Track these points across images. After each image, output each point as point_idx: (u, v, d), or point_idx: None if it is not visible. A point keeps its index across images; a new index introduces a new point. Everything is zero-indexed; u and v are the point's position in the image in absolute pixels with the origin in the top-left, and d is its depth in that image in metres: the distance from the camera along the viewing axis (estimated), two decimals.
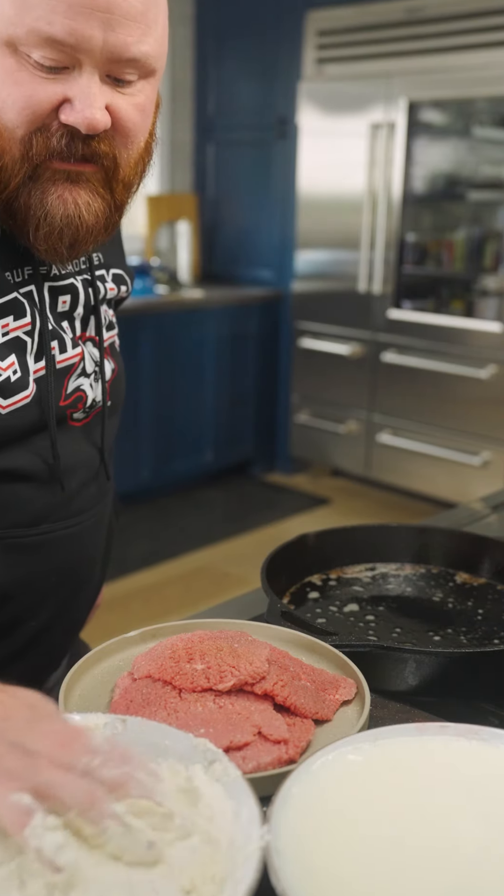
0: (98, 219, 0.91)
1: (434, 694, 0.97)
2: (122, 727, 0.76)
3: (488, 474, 3.94)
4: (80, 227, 0.89)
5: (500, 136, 4.30)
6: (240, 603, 1.25)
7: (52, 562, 1.03)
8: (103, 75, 0.85)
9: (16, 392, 0.94)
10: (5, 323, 0.93)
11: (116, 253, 1.13)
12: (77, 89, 0.83)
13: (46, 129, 0.85)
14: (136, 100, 0.89)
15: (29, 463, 0.98)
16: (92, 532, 1.09)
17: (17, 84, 0.83)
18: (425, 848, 0.66)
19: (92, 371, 1.05)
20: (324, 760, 0.73)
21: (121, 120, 0.88)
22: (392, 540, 1.32)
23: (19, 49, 0.82)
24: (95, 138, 0.87)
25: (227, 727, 0.81)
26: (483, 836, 0.68)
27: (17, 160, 0.86)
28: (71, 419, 1.04)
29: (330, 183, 4.29)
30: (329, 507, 4.48)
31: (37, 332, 0.97)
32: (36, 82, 0.83)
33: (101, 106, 0.84)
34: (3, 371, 0.93)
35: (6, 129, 0.85)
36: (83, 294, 1.03)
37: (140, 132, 0.91)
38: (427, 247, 4.43)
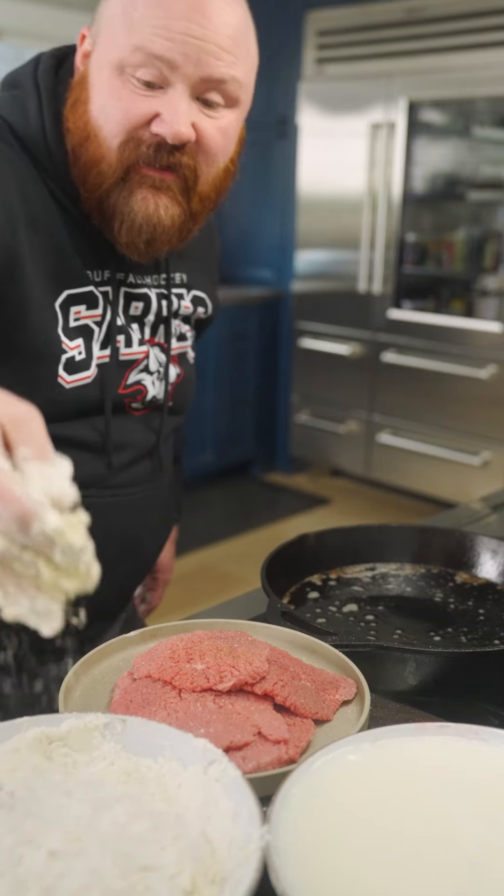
0: (174, 222, 1.04)
1: (434, 694, 0.97)
2: (122, 727, 0.76)
3: (488, 474, 3.94)
4: (158, 226, 1.03)
5: (500, 136, 4.30)
6: (240, 603, 1.25)
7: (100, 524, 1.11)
8: (193, 96, 0.98)
9: (78, 371, 1.08)
10: (77, 310, 1.07)
11: (204, 279, 1.27)
12: (168, 105, 0.97)
13: (139, 138, 0.99)
14: (220, 123, 1.02)
15: (84, 434, 1.11)
16: (139, 507, 1.21)
17: (119, 100, 0.98)
18: (425, 848, 0.66)
19: (156, 370, 1.18)
20: (324, 760, 0.73)
21: (204, 138, 1.01)
22: (392, 540, 1.32)
23: (125, 70, 0.97)
24: (180, 150, 0.99)
25: (227, 727, 0.81)
26: (483, 836, 0.68)
27: (112, 165, 1.00)
28: (130, 408, 1.17)
29: (330, 183, 4.29)
30: (329, 507, 4.48)
31: (105, 324, 1.10)
32: (134, 98, 0.98)
33: (188, 122, 0.98)
34: (71, 349, 1.07)
35: (105, 139, 1.00)
36: (156, 304, 1.17)
37: (220, 152, 1.04)
38: (427, 247, 4.43)
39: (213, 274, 1.33)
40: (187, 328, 1.25)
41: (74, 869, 0.60)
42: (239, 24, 0.99)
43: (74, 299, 1.07)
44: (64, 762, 0.73)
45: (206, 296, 1.27)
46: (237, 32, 0.98)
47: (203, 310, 1.27)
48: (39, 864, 0.60)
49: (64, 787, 0.68)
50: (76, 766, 0.73)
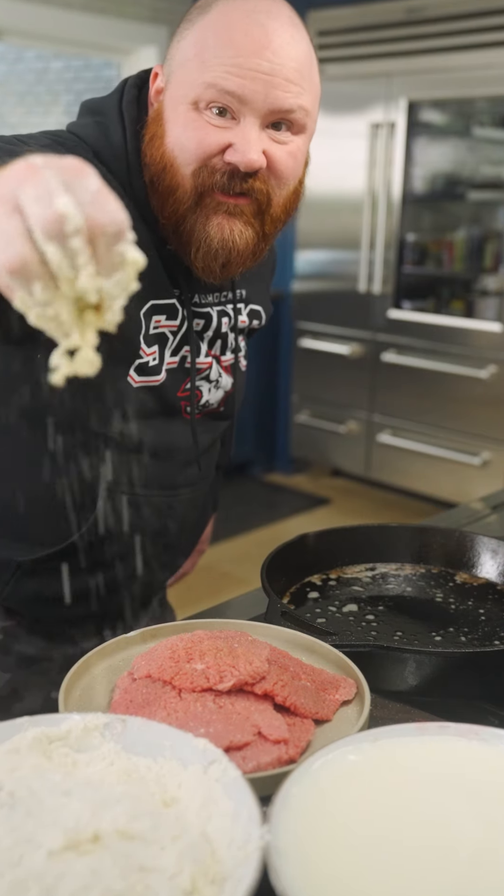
0: (248, 245, 1.08)
1: (434, 694, 0.97)
2: (122, 727, 0.76)
3: (488, 474, 3.94)
4: (233, 250, 1.07)
5: (500, 136, 4.30)
6: (240, 603, 1.25)
7: (147, 519, 1.23)
8: (263, 126, 1.04)
9: (149, 374, 1.14)
10: (158, 319, 1.14)
11: (261, 290, 1.33)
12: (240, 136, 1.03)
13: (213, 167, 1.04)
14: (289, 148, 1.07)
15: (142, 436, 1.16)
16: (186, 506, 1.28)
17: (193, 130, 1.03)
18: (425, 848, 0.66)
19: (215, 379, 1.25)
20: (324, 760, 0.73)
21: (274, 163, 1.06)
22: (392, 540, 1.32)
23: (199, 105, 1.03)
24: (252, 177, 1.04)
25: (227, 727, 0.81)
26: (482, 836, 0.68)
27: (187, 192, 1.05)
28: (185, 411, 1.21)
29: (330, 183, 4.29)
30: (329, 507, 4.48)
31: (180, 334, 1.16)
32: (208, 129, 1.03)
33: (259, 150, 1.03)
34: (147, 356, 1.13)
35: (180, 167, 1.05)
36: (216, 321, 1.22)
37: (291, 176, 1.09)
38: (427, 247, 4.43)
39: (268, 281, 1.38)
40: (241, 338, 1.30)
41: (74, 869, 0.60)
42: (304, 57, 1.04)
43: (157, 309, 1.13)
44: (64, 762, 0.73)
45: (261, 308, 1.32)
46: (302, 65, 1.04)
47: (258, 322, 1.32)
48: (39, 864, 0.60)
49: (64, 787, 0.68)
50: (76, 766, 0.73)
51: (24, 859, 0.61)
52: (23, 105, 4.95)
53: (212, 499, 1.43)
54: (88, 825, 0.63)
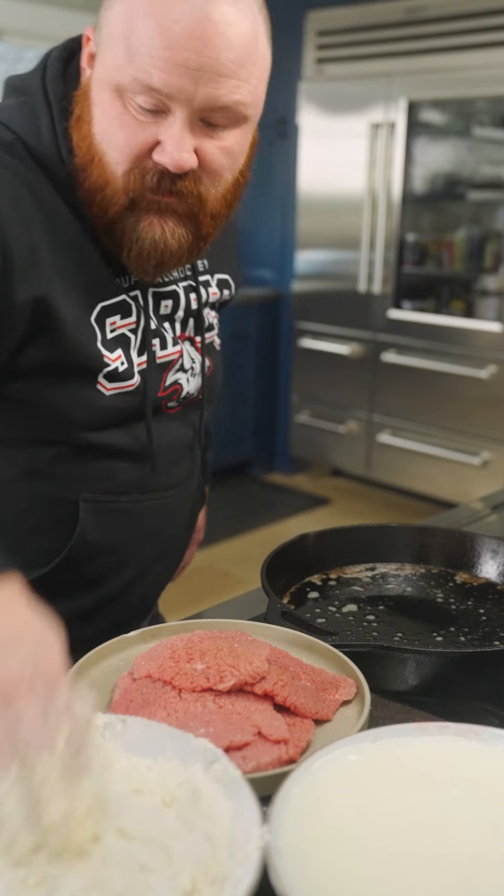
0: (181, 245, 1.03)
1: (434, 694, 0.97)
2: (122, 727, 0.76)
3: (488, 474, 3.94)
4: (166, 251, 1.03)
5: (500, 136, 4.30)
6: (240, 603, 1.25)
7: (139, 527, 1.19)
8: (195, 120, 0.96)
9: (120, 380, 1.09)
10: (113, 321, 1.08)
11: (226, 257, 1.26)
12: (169, 133, 0.95)
13: (143, 168, 0.98)
14: (224, 143, 0.99)
15: (127, 442, 1.13)
16: (177, 506, 1.24)
17: (121, 126, 0.96)
18: (425, 848, 0.66)
19: (189, 367, 1.19)
20: (324, 760, 0.73)
21: (207, 162, 0.99)
22: (392, 540, 1.32)
23: (125, 94, 0.95)
24: (182, 177, 0.98)
25: (227, 727, 0.81)
26: (483, 836, 0.68)
27: (117, 191, 1.00)
28: (166, 408, 1.17)
29: (330, 183, 4.29)
30: (329, 507, 4.47)
31: (140, 330, 1.11)
32: (136, 125, 0.96)
33: (189, 149, 0.96)
34: (113, 362, 1.08)
35: (109, 165, 0.99)
36: (184, 299, 1.16)
37: (225, 172, 1.02)
38: (427, 247, 4.43)
39: (232, 248, 1.30)
40: (213, 314, 1.25)
41: (74, 869, 0.60)
42: (244, 42, 0.95)
43: (108, 311, 1.07)
44: None
45: (229, 277, 1.27)
46: (241, 53, 0.94)
47: (228, 292, 1.26)
48: (40, 864, 0.60)
49: None
50: None
51: (24, 859, 0.61)
52: None
53: (201, 488, 1.36)
54: (88, 825, 0.63)
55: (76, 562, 1.15)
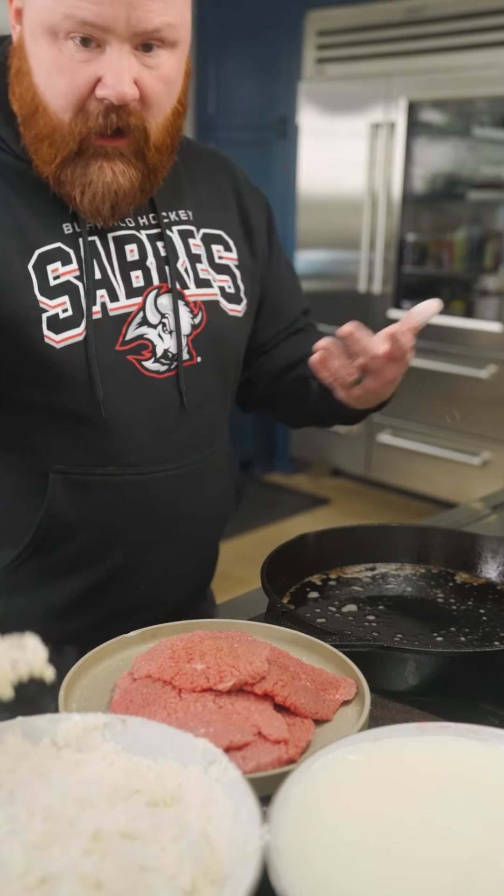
0: (133, 184, 1.04)
1: (434, 694, 0.97)
2: (122, 727, 0.76)
3: (488, 474, 3.94)
4: (119, 192, 1.04)
5: (500, 136, 4.30)
6: (240, 603, 1.25)
7: (119, 504, 1.13)
8: (129, 51, 0.97)
9: (67, 329, 1.05)
10: (55, 268, 1.06)
11: (222, 217, 1.22)
12: (107, 66, 0.97)
13: (87, 110, 0.99)
14: (161, 72, 1.01)
15: (83, 403, 1.07)
16: (174, 484, 1.15)
17: (60, 71, 0.98)
18: (425, 848, 0.66)
19: (158, 322, 1.12)
20: (324, 760, 0.73)
21: (147, 92, 1.00)
22: (392, 540, 1.32)
23: (58, 37, 0.97)
24: (126, 111, 0.99)
25: (227, 727, 0.81)
26: (482, 836, 0.68)
27: (65, 137, 1.01)
28: (143, 368, 1.10)
29: (330, 183, 4.29)
30: (329, 507, 4.47)
31: (84, 278, 1.07)
32: (75, 67, 0.97)
33: (129, 80, 0.97)
34: (53, 308, 1.05)
35: (55, 113, 1.00)
36: (150, 247, 1.12)
37: (166, 101, 1.03)
38: (427, 247, 4.43)
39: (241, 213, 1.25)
40: (223, 278, 1.18)
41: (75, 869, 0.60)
42: None
43: (47, 257, 1.06)
44: (64, 762, 0.73)
45: (223, 232, 1.21)
46: None
47: (222, 248, 1.20)
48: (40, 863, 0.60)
49: (64, 787, 0.68)
50: (77, 765, 0.73)
51: (24, 859, 0.61)
52: None
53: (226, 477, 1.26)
54: (88, 825, 0.63)
55: (54, 540, 1.11)
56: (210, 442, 1.20)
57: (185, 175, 1.19)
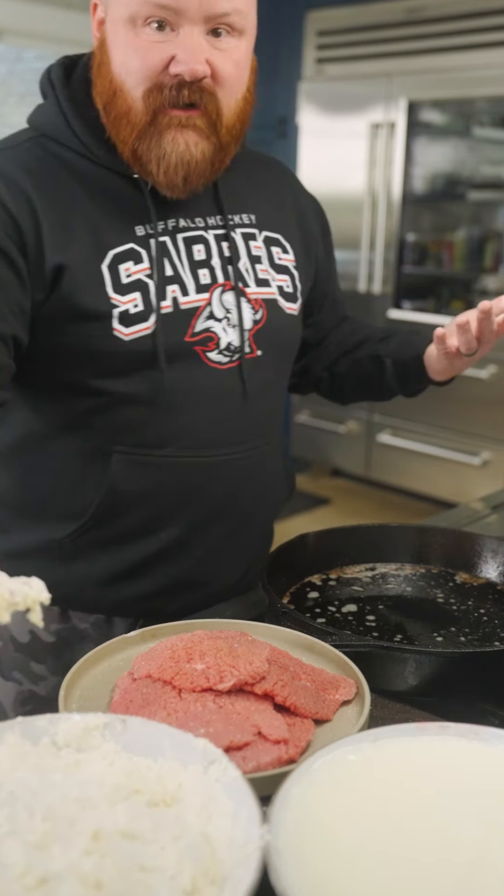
0: (205, 156, 1.11)
1: (434, 694, 0.97)
2: (122, 727, 0.76)
3: (488, 474, 3.94)
4: (191, 162, 1.10)
5: (500, 136, 4.30)
6: (240, 603, 1.25)
7: (176, 484, 1.19)
8: (202, 34, 1.06)
9: (136, 323, 1.12)
10: (127, 267, 1.13)
11: (282, 222, 1.29)
12: (181, 46, 1.05)
13: (160, 83, 1.07)
14: (232, 55, 1.09)
15: (148, 389, 1.14)
16: (228, 469, 1.21)
17: (136, 52, 1.07)
18: (425, 848, 0.66)
19: (223, 317, 1.18)
20: (324, 760, 0.73)
21: (218, 72, 1.08)
22: (392, 540, 1.32)
23: (137, 23, 1.06)
24: (198, 86, 1.07)
25: (227, 727, 0.81)
26: (482, 836, 0.68)
27: (139, 113, 1.09)
28: (207, 358, 1.17)
29: (330, 183, 4.28)
30: (329, 507, 4.47)
31: (155, 276, 1.14)
32: (149, 48, 1.06)
33: (202, 59, 1.06)
34: (125, 304, 1.12)
35: (130, 90, 1.09)
36: (216, 246, 1.20)
37: (236, 83, 1.11)
38: (427, 247, 4.43)
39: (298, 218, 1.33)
40: (283, 277, 1.25)
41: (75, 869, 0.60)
42: None
43: (120, 258, 1.13)
44: (64, 762, 0.73)
45: (281, 236, 1.28)
46: None
47: (281, 250, 1.27)
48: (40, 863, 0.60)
49: (64, 787, 0.68)
50: (77, 765, 0.73)
51: (24, 859, 0.61)
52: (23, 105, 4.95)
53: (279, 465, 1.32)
54: (88, 825, 0.63)
55: (113, 514, 1.18)
56: (267, 431, 1.27)
57: (249, 181, 1.27)
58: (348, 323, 1.47)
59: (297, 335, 1.31)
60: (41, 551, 1.21)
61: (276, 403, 1.30)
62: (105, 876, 0.60)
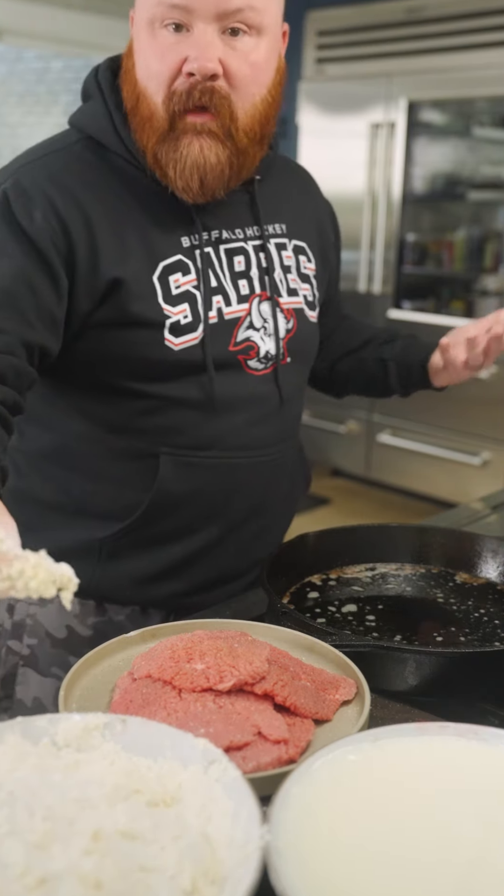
0: (219, 159, 1.11)
1: (434, 694, 0.97)
2: (122, 727, 0.76)
3: (488, 474, 3.94)
4: (206, 165, 1.10)
5: (500, 136, 4.30)
6: (240, 603, 1.25)
7: (218, 483, 1.23)
8: (215, 33, 1.05)
9: (185, 333, 1.15)
10: (176, 278, 1.16)
11: (308, 231, 1.32)
12: (193, 44, 1.05)
13: (175, 89, 1.07)
14: (248, 56, 1.08)
15: (195, 394, 1.18)
16: (264, 469, 1.26)
17: (154, 54, 1.08)
18: (424, 848, 0.66)
19: (261, 326, 1.22)
20: (324, 760, 0.73)
21: (232, 71, 1.07)
22: (392, 540, 1.32)
23: (155, 25, 1.07)
24: (210, 88, 1.07)
25: (227, 727, 0.81)
26: (482, 836, 0.68)
27: (160, 119, 1.10)
28: (247, 366, 1.21)
29: (330, 183, 4.24)
30: (329, 507, 4.47)
31: (202, 287, 1.17)
32: (166, 50, 1.07)
33: (214, 57, 1.05)
34: (175, 315, 1.15)
35: (151, 97, 1.10)
36: (255, 257, 1.23)
37: (252, 84, 1.10)
38: (427, 247, 4.43)
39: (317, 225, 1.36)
40: (305, 287, 1.29)
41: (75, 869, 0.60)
42: None
43: (169, 269, 1.15)
44: (64, 762, 0.73)
45: (306, 245, 1.31)
46: None
47: (307, 259, 1.30)
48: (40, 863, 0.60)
49: (64, 787, 0.68)
50: (77, 765, 0.73)
51: (24, 859, 0.61)
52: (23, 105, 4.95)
53: (300, 463, 1.39)
54: (88, 825, 0.63)
55: (159, 515, 1.20)
56: (295, 432, 1.33)
57: (280, 189, 1.29)
58: (349, 321, 1.51)
59: (318, 341, 1.35)
60: (78, 551, 1.21)
61: (301, 406, 1.36)
62: (105, 876, 0.60)
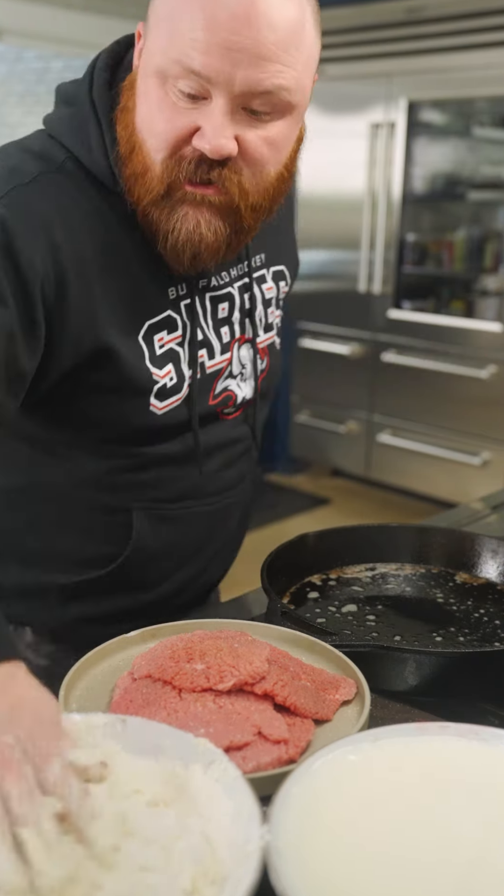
0: (217, 237, 1.00)
1: (434, 694, 0.97)
2: (122, 727, 0.76)
3: (488, 474, 3.94)
4: (201, 243, 1.00)
5: (500, 136, 4.30)
6: (240, 603, 1.25)
7: (192, 533, 1.21)
8: (236, 107, 0.93)
9: (170, 395, 1.09)
10: (160, 337, 1.07)
11: (280, 245, 1.25)
12: (208, 118, 0.93)
13: (181, 155, 0.96)
14: (268, 133, 0.96)
15: (178, 451, 1.13)
16: (230, 509, 1.24)
17: (161, 112, 0.95)
18: (424, 848, 0.66)
19: (238, 372, 1.18)
20: (324, 760, 0.73)
21: (248, 151, 0.96)
22: (392, 540, 1.32)
23: (167, 80, 0.93)
24: (221, 165, 0.95)
25: (227, 727, 0.81)
26: (482, 837, 0.68)
27: (155, 178, 0.97)
28: (223, 415, 1.18)
29: (330, 183, 4.29)
30: (329, 507, 4.47)
31: (187, 342, 1.10)
32: (177, 112, 0.94)
33: (229, 135, 0.93)
34: (161, 378, 1.08)
35: (149, 153, 0.97)
36: (238, 300, 1.16)
37: (268, 163, 0.98)
38: (427, 247, 4.43)
39: (288, 231, 1.29)
40: (278, 313, 1.24)
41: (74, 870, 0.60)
42: (289, 24, 0.90)
43: (155, 328, 1.07)
44: None
45: (284, 267, 1.25)
46: (286, 35, 0.90)
47: (284, 283, 1.25)
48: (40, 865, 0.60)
49: None
50: None
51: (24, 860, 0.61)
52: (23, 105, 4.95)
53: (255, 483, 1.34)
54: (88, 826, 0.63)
55: (133, 566, 1.17)
56: (257, 460, 1.30)
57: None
58: None
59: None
60: (35, 592, 1.18)
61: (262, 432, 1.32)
62: (105, 876, 0.60)
